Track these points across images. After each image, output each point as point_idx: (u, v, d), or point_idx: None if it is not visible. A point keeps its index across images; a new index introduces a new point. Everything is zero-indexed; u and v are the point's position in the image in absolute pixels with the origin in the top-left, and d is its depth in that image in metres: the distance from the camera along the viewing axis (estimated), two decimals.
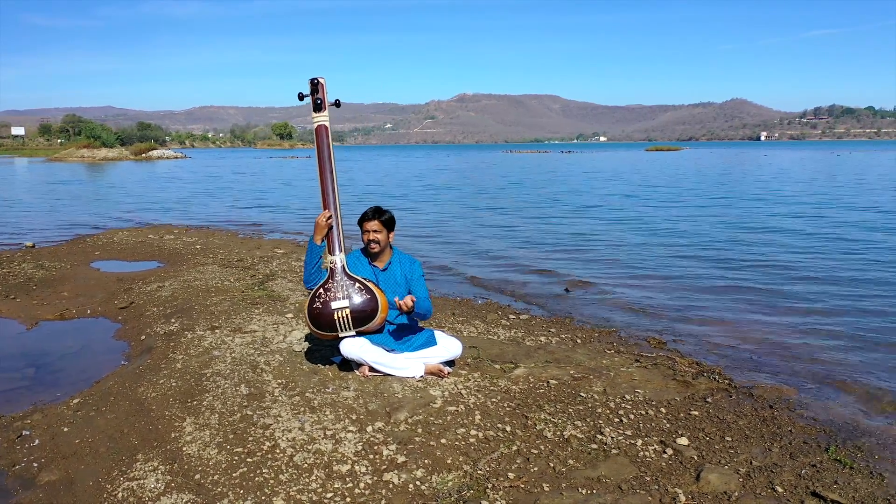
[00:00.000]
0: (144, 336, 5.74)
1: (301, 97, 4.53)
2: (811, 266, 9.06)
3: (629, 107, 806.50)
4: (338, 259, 4.35)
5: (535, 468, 3.31)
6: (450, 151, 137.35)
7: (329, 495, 3.03)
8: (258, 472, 3.23)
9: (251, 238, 12.10)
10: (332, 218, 4.40)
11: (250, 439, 3.57)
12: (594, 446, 3.56)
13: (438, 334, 4.58)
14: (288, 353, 4.98)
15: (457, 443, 3.55)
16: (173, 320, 6.07)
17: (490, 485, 3.13)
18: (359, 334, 4.37)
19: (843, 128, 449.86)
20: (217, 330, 5.65)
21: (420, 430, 3.67)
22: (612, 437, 3.65)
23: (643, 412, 4.03)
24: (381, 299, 4.31)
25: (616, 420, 3.90)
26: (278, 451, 3.43)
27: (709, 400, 4.27)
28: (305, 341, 5.24)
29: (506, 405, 4.06)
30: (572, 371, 4.69)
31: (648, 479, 3.22)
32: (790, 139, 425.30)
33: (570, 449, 3.52)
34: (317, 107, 4.48)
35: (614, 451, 3.50)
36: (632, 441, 3.62)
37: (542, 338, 5.63)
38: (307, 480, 3.15)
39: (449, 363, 4.65)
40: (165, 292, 7.25)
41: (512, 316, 6.42)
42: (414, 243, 11.75)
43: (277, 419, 3.81)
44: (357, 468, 3.26)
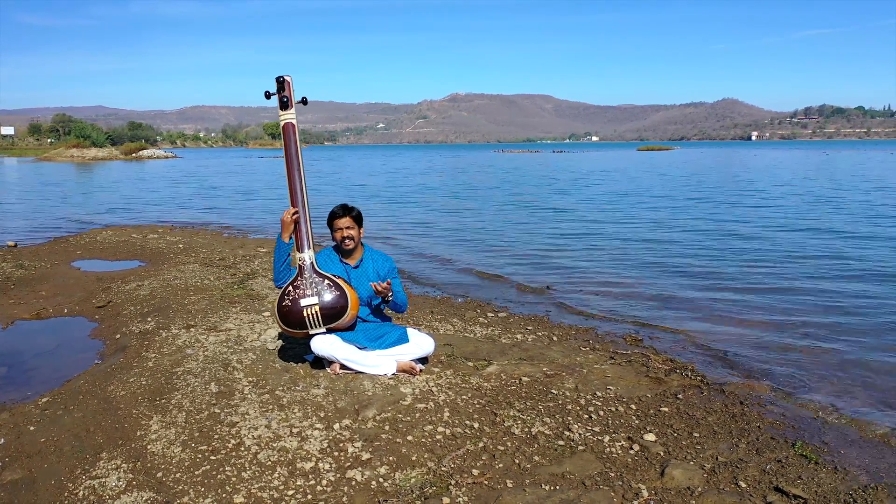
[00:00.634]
0: (119, 335, 5.70)
1: (268, 95, 4.51)
2: (788, 265, 9.10)
3: (621, 106, 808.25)
4: (307, 256, 4.33)
5: (500, 465, 3.31)
6: (442, 151, 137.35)
7: (290, 492, 3.02)
8: (221, 470, 3.21)
9: (235, 237, 12.06)
10: (299, 214, 4.38)
11: (216, 437, 3.55)
12: (561, 443, 3.55)
13: (411, 331, 4.57)
14: (261, 352, 4.96)
15: (423, 440, 3.54)
16: (149, 319, 6.04)
17: (453, 481, 3.12)
18: (329, 331, 4.36)
19: (834, 127, 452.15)
20: (192, 328, 5.62)
21: (387, 428, 3.66)
22: (580, 434, 3.65)
23: (613, 409, 4.03)
24: (352, 296, 4.30)
25: (585, 417, 3.90)
26: (243, 449, 3.41)
27: (680, 396, 4.28)
28: (280, 339, 5.22)
29: (476, 402, 4.06)
30: (545, 368, 4.69)
31: (613, 475, 3.22)
32: (781, 139, 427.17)
33: (537, 445, 3.51)
34: (283, 105, 4.46)
35: (581, 448, 3.49)
36: (599, 437, 3.62)
37: (519, 335, 5.63)
38: (269, 478, 3.14)
39: (422, 360, 4.64)
40: (144, 291, 7.21)
41: (490, 314, 6.42)
42: (399, 241, 11.74)
43: (245, 417, 3.79)
44: (321, 465, 3.25)
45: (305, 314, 4.25)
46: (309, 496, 3.00)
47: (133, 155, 77.99)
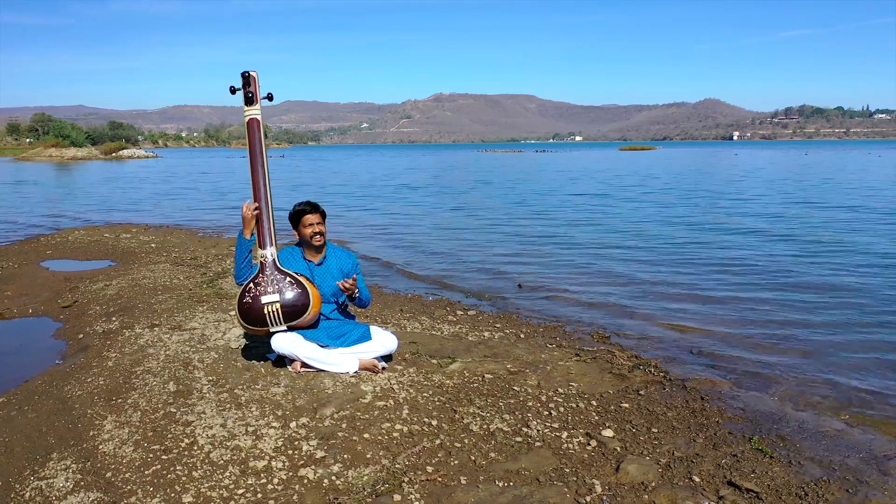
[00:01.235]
0: (82, 335, 5.63)
1: (233, 91, 4.46)
2: (755, 263, 9.17)
3: (604, 106, 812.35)
4: (268, 253, 4.29)
5: (456, 461, 3.29)
6: (425, 151, 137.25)
7: (240, 491, 2.98)
8: (171, 470, 3.16)
9: (210, 237, 11.96)
10: (260, 210, 4.34)
11: (169, 436, 3.50)
12: (518, 439, 3.54)
13: (374, 329, 4.54)
14: (224, 350, 4.91)
15: (380, 437, 3.51)
16: (114, 319, 5.96)
17: (406, 479, 3.10)
18: (291, 329, 4.32)
19: (814, 127, 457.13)
20: (156, 328, 5.56)
21: (344, 426, 3.63)
22: (538, 430, 3.64)
23: (574, 405, 4.03)
24: (314, 294, 4.26)
25: (545, 413, 3.89)
26: (196, 448, 3.37)
27: (641, 392, 4.28)
28: (244, 338, 5.17)
29: (436, 400, 4.03)
30: (509, 365, 4.68)
31: (568, 471, 3.21)
32: (762, 139, 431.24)
33: (494, 442, 3.50)
34: (248, 100, 4.42)
35: (538, 444, 3.48)
36: (557, 433, 3.61)
37: (486, 333, 5.61)
38: (220, 477, 3.10)
39: (386, 358, 4.61)
40: (111, 291, 7.13)
41: (460, 312, 6.40)
42: (371, 241, 11.71)
43: (201, 416, 3.75)
44: (274, 464, 3.22)
45: (266, 312, 4.21)
46: (259, 495, 2.96)
47: (113, 155, 77.23)
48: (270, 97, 4.54)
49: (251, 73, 4.42)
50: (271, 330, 4.28)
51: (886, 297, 6.98)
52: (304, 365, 4.39)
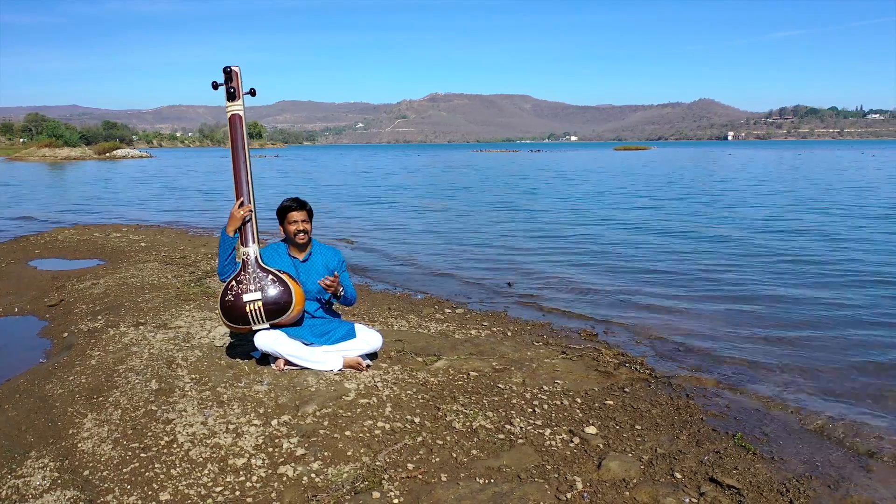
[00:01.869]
0: (67, 333, 5.59)
1: (215, 86, 4.43)
2: (742, 263, 9.17)
3: (599, 107, 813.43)
4: (251, 251, 4.26)
5: (437, 459, 3.27)
6: (420, 151, 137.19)
7: (218, 489, 2.95)
8: (150, 468, 3.14)
9: (200, 236, 11.91)
10: (247, 209, 4.31)
11: (149, 434, 3.48)
12: (501, 436, 3.52)
13: (359, 327, 4.51)
14: (208, 349, 4.88)
15: (361, 435, 3.49)
16: (99, 317, 5.92)
17: (387, 476, 3.08)
18: (274, 327, 4.29)
19: (808, 128, 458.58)
20: (141, 326, 5.53)
21: (326, 423, 3.61)
22: (521, 427, 3.62)
23: (558, 402, 4.01)
24: (297, 292, 4.23)
25: (529, 410, 3.87)
26: (175, 446, 3.34)
27: (627, 390, 4.27)
28: (229, 336, 5.14)
29: (420, 397, 4.01)
30: (495, 363, 4.66)
31: (549, 468, 3.20)
32: (756, 139, 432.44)
33: (477, 439, 3.48)
34: (230, 96, 4.39)
35: (520, 441, 3.47)
36: (540, 431, 3.60)
37: (473, 331, 5.60)
38: (199, 475, 3.07)
39: (371, 356, 4.59)
40: (98, 289, 7.08)
41: (448, 310, 6.39)
42: (363, 239, 11.68)
43: (182, 414, 3.72)
44: (253, 462, 3.19)
45: (248, 310, 4.17)
46: (237, 492, 2.94)
47: (107, 155, 76.89)
48: (253, 92, 4.51)
49: (233, 69, 4.39)
50: (254, 328, 4.26)
51: (870, 297, 6.99)
52: (288, 363, 4.36)
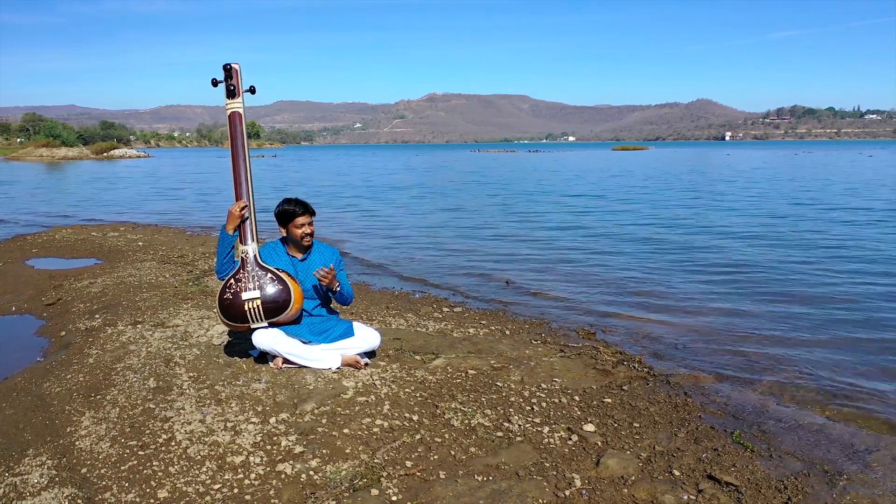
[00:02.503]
0: (65, 332, 5.58)
1: (215, 83, 4.43)
2: (740, 261, 9.18)
3: (597, 107, 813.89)
4: (250, 249, 4.26)
5: (436, 456, 3.27)
6: (418, 151, 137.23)
7: (217, 486, 2.95)
8: (148, 465, 3.13)
9: (198, 235, 11.90)
10: (247, 208, 4.31)
11: (147, 432, 3.47)
12: (499, 434, 3.52)
13: (357, 325, 4.51)
14: (206, 347, 4.88)
15: (359, 432, 3.49)
16: (97, 316, 5.91)
17: (385, 473, 3.08)
18: (273, 325, 4.29)
19: (805, 128, 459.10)
20: (139, 325, 5.52)
21: (324, 421, 3.61)
22: (519, 425, 3.62)
23: (556, 400, 4.01)
24: (295, 290, 4.23)
25: (527, 408, 3.87)
26: (173, 444, 3.34)
27: (625, 388, 4.27)
28: (227, 335, 5.13)
29: (418, 395, 4.01)
30: (493, 361, 4.66)
31: (548, 466, 3.20)
32: (754, 139, 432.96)
33: (475, 437, 3.48)
34: (230, 93, 4.39)
35: (519, 439, 3.47)
36: (538, 428, 3.60)
37: (471, 329, 5.60)
38: (197, 472, 3.07)
39: (369, 355, 4.59)
40: (96, 288, 7.08)
41: (446, 309, 6.39)
42: (359, 240, 11.67)
43: (180, 412, 3.71)
44: (251, 459, 3.19)
45: (247, 308, 4.17)
46: (235, 490, 2.93)
47: (104, 155, 76.80)
48: (253, 90, 4.51)
49: (233, 66, 4.39)
50: (252, 326, 4.25)
51: (870, 295, 7.00)
52: (286, 361, 4.36)
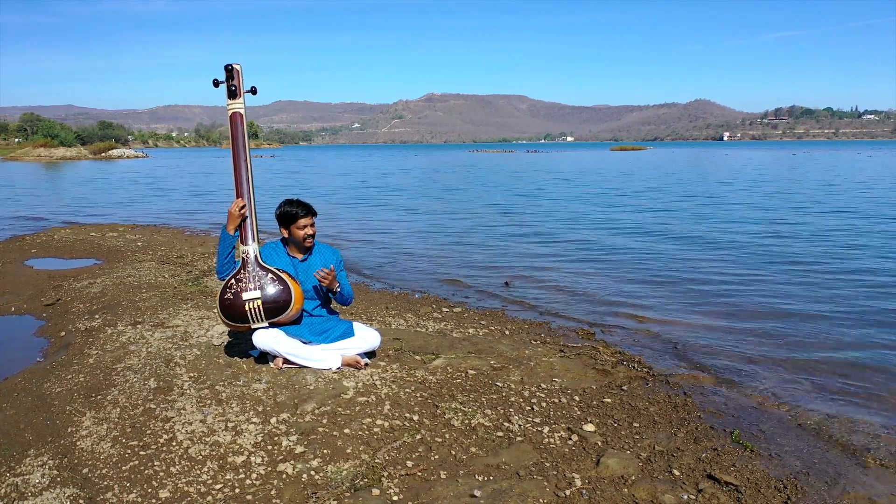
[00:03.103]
0: (64, 332, 5.58)
1: (216, 84, 4.44)
2: (739, 261, 9.20)
3: (596, 107, 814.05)
4: (250, 249, 4.26)
5: (436, 456, 3.28)
6: (416, 151, 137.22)
7: (218, 486, 2.96)
8: (149, 465, 3.14)
9: (197, 235, 11.90)
10: (246, 208, 4.32)
11: (148, 432, 3.48)
12: (500, 434, 3.53)
13: (357, 325, 4.52)
14: (206, 347, 4.88)
15: (360, 432, 3.49)
16: (97, 316, 5.92)
17: (386, 473, 3.09)
18: (273, 326, 4.29)
19: (803, 128, 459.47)
20: (139, 325, 5.52)
21: (325, 421, 3.61)
22: (520, 425, 3.63)
23: (556, 400, 4.02)
24: (296, 290, 4.23)
25: (527, 408, 3.88)
26: (174, 444, 3.34)
27: (624, 388, 4.28)
28: (227, 335, 5.14)
29: (418, 395, 4.02)
30: (493, 361, 4.67)
31: (548, 465, 3.21)
32: (752, 139, 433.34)
33: (475, 437, 3.49)
34: (231, 94, 4.39)
35: (519, 439, 3.48)
36: (539, 428, 3.61)
37: (471, 330, 5.61)
38: (198, 472, 3.08)
39: (369, 355, 4.60)
40: (95, 289, 7.07)
41: (445, 309, 6.39)
42: (359, 240, 11.68)
43: (180, 412, 3.72)
44: (253, 459, 3.19)
45: (247, 308, 4.18)
46: (237, 490, 2.94)
47: (102, 155, 76.74)
48: (254, 91, 4.52)
49: (234, 66, 4.40)
50: (252, 327, 4.26)
51: (869, 297, 7.01)
52: (287, 361, 4.37)
